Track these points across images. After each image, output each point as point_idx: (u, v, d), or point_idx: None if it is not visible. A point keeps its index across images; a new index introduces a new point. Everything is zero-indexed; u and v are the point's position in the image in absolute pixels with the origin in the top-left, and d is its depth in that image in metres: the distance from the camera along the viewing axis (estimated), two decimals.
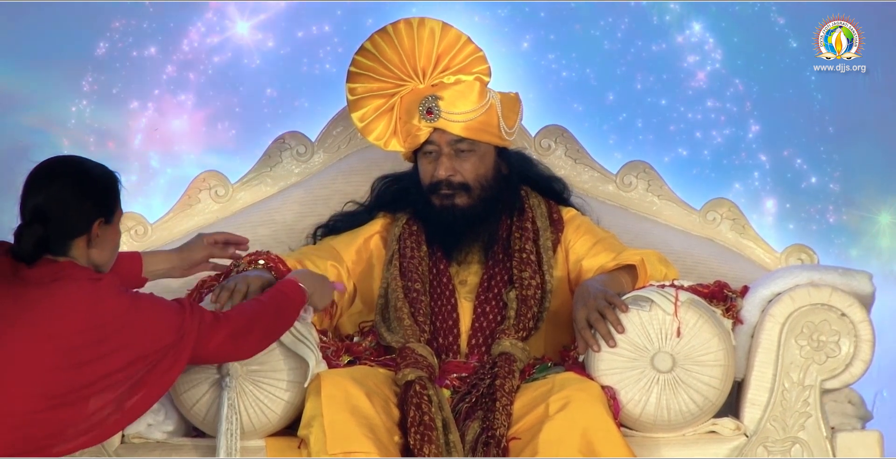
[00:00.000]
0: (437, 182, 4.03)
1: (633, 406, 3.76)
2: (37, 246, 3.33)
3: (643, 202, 4.54)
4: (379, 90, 4.09)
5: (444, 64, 4.06)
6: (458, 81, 4.04)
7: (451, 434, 3.67)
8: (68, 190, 3.36)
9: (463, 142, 4.03)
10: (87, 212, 3.37)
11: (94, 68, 4.80)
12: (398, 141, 4.10)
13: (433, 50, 4.05)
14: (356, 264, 4.15)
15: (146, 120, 4.84)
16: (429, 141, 4.03)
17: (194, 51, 4.83)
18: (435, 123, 4.00)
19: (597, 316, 3.74)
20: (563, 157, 4.56)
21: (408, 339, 3.90)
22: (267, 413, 3.73)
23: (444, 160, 4.03)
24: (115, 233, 3.47)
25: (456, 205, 4.03)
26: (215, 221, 4.52)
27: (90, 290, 3.33)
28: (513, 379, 3.78)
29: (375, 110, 4.09)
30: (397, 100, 4.08)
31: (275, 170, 4.58)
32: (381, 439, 3.62)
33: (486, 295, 4.04)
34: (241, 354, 3.59)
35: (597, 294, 3.78)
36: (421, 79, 4.07)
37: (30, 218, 3.34)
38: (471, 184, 4.04)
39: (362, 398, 3.65)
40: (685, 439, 3.80)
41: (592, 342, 3.74)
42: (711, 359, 3.75)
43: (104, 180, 3.43)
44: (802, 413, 3.80)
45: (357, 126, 4.12)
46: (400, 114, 4.08)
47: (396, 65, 4.06)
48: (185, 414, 3.81)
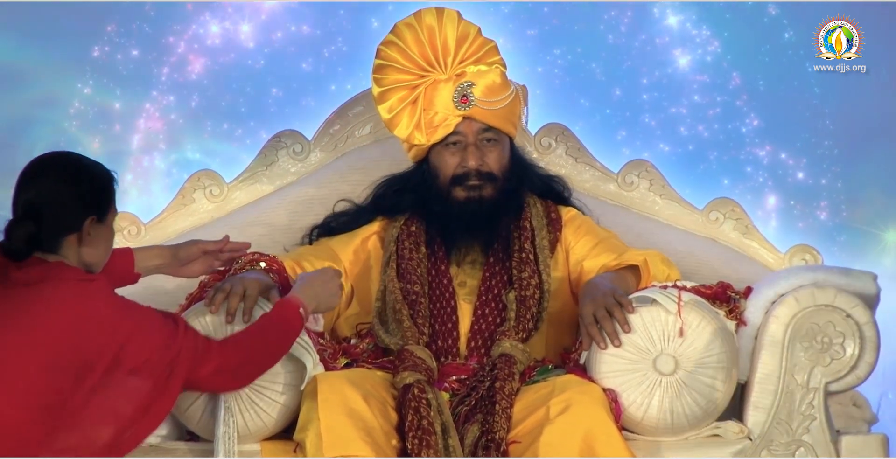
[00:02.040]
0: (465, 173, 4.03)
1: (635, 409, 3.74)
2: (27, 242, 3.29)
3: (645, 201, 4.53)
4: (403, 82, 4.06)
5: (462, 53, 4.05)
6: (480, 71, 4.04)
7: (451, 439, 3.65)
8: (61, 185, 3.32)
9: (490, 132, 4.04)
10: (79, 209, 3.33)
11: (100, 46, 4.78)
12: (421, 134, 4.06)
13: (453, 38, 4.04)
14: (353, 265, 4.13)
15: (150, 113, 4.82)
16: (454, 132, 4.03)
17: (194, 50, 4.81)
18: (468, 111, 4.00)
19: (604, 313, 3.72)
20: (563, 156, 4.55)
21: (406, 341, 3.88)
22: (262, 416, 3.70)
23: (473, 149, 4.03)
24: (108, 233, 3.43)
25: (483, 196, 4.04)
26: (210, 221, 4.51)
27: (78, 291, 3.29)
28: (513, 382, 3.76)
29: (400, 102, 4.06)
30: (421, 91, 4.05)
31: (271, 169, 4.57)
32: (379, 442, 3.60)
33: (486, 296, 4.02)
34: (231, 387, 3.57)
35: (606, 291, 3.76)
36: (443, 69, 4.05)
37: (21, 213, 3.30)
38: (497, 175, 4.05)
39: (359, 401, 3.63)
40: (688, 442, 3.78)
41: (599, 339, 3.72)
42: (715, 361, 3.73)
43: (99, 178, 3.39)
44: (807, 415, 3.79)
45: (384, 118, 4.08)
46: (424, 106, 4.05)
47: (419, 54, 4.04)
48: (179, 417, 3.78)
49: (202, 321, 3.67)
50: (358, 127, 4.62)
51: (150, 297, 4.17)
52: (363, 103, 4.60)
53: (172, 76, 4.81)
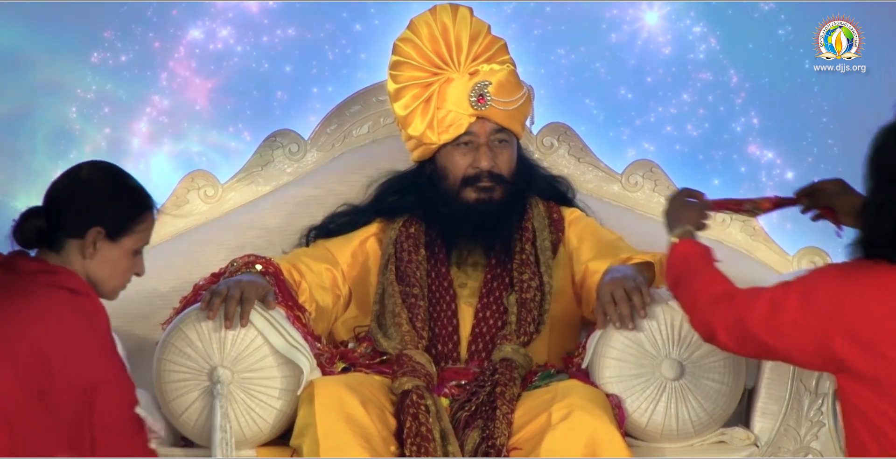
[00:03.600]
0: (477, 174, 4.00)
1: (639, 415, 3.71)
2: (36, 231, 3.28)
3: (650, 202, 4.51)
4: (418, 79, 4.03)
5: (476, 51, 4.03)
6: (493, 70, 4.01)
7: (450, 446, 3.62)
8: (82, 187, 3.31)
9: (502, 133, 4.02)
10: (86, 216, 3.30)
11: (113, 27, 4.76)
12: (433, 133, 4.02)
13: (466, 36, 4.02)
14: (351, 267, 4.10)
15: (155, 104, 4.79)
16: (466, 132, 4.00)
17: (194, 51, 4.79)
18: (483, 111, 3.98)
19: (622, 294, 3.68)
20: (565, 156, 4.53)
21: (405, 345, 3.85)
22: (259, 422, 3.67)
23: (486, 150, 4.00)
24: (120, 256, 3.36)
25: (493, 198, 4.01)
26: (204, 223, 4.48)
27: (62, 301, 3.23)
28: (514, 387, 3.73)
29: (414, 99, 4.03)
30: (435, 90, 4.01)
31: (266, 169, 4.54)
32: (377, 448, 3.58)
33: (487, 299, 3.99)
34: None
35: (628, 274, 3.74)
36: (456, 66, 4.02)
37: (42, 203, 3.31)
38: (506, 178, 4.03)
39: (357, 406, 3.60)
40: (693, 449, 3.76)
41: (616, 318, 3.67)
42: (721, 366, 3.71)
43: (126, 196, 3.36)
44: (816, 422, 3.77)
45: (399, 115, 4.04)
46: (437, 105, 4.01)
47: (433, 52, 4.02)
48: (173, 423, 3.75)
49: (199, 327, 3.65)
50: (355, 126, 4.59)
51: (144, 300, 4.18)
52: (361, 102, 4.58)
53: (172, 75, 4.77)
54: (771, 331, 3.10)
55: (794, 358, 3.14)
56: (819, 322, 3.06)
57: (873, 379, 3.01)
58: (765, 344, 3.12)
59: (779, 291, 3.13)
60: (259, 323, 3.65)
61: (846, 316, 3.04)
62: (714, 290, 3.25)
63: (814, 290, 3.08)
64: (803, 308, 3.07)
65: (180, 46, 4.73)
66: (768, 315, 3.11)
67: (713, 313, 3.21)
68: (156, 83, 4.74)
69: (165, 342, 3.67)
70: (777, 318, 3.09)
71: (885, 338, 3.01)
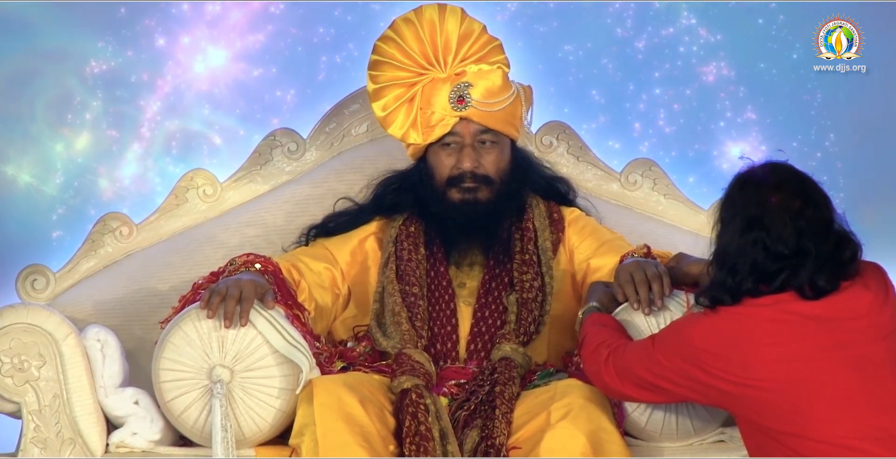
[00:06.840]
0: (460, 174, 3.98)
1: (638, 415, 3.69)
2: None
3: (649, 201, 4.51)
4: (400, 79, 4.01)
5: (464, 52, 4.00)
6: (481, 71, 3.98)
7: (450, 445, 3.62)
8: None
9: (488, 134, 3.99)
10: None
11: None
12: (416, 133, 4.01)
13: (455, 36, 3.99)
14: (351, 266, 4.10)
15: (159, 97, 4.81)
16: (451, 132, 3.98)
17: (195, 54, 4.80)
18: (464, 112, 3.95)
19: (642, 277, 3.67)
20: (565, 155, 4.53)
21: (405, 345, 3.85)
22: (258, 421, 3.67)
23: (468, 151, 3.98)
24: None
25: (478, 199, 3.99)
26: (203, 222, 4.47)
27: None
28: (513, 386, 3.73)
29: (396, 100, 4.01)
30: (419, 90, 4.00)
31: (265, 168, 4.54)
32: (376, 448, 3.57)
33: (486, 298, 3.98)
34: None
35: (650, 261, 3.73)
36: (442, 67, 4.00)
37: None
38: (493, 178, 4.00)
39: (356, 405, 3.60)
40: (692, 449, 3.75)
41: (634, 299, 3.65)
42: None
43: None
44: None
45: (378, 116, 4.03)
46: (421, 105, 4.00)
47: (418, 52, 4.00)
48: (172, 422, 3.75)
49: (198, 326, 3.64)
50: (354, 125, 4.59)
51: (142, 299, 4.18)
52: (360, 101, 4.57)
53: (173, 75, 4.78)
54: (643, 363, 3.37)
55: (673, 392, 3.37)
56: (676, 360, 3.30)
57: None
58: (641, 377, 3.37)
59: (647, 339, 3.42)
60: (258, 323, 3.65)
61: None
62: (596, 342, 3.52)
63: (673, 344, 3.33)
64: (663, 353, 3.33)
65: (186, 36, 4.76)
66: (640, 346, 3.40)
67: (594, 360, 3.50)
68: (160, 67, 4.77)
69: (164, 341, 3.67)
70: (647, 352, 3.35)
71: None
